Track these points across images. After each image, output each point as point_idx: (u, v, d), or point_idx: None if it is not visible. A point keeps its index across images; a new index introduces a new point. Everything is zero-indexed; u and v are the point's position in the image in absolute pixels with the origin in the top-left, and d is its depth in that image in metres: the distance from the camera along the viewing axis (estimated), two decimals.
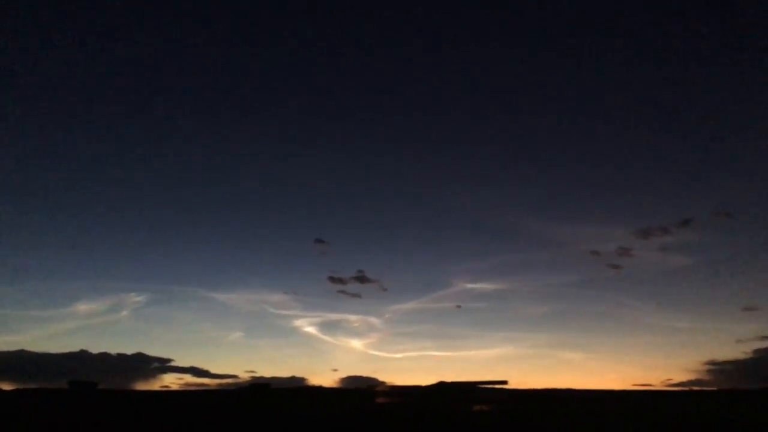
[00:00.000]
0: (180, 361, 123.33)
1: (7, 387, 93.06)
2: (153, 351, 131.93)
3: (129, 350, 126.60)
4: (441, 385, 70.19)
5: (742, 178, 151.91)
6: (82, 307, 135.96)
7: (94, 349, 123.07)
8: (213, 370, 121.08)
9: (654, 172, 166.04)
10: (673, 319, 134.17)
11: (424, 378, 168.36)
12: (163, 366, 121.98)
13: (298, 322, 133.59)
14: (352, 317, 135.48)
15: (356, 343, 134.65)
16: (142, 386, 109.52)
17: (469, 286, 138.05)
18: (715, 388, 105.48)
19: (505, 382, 72.77)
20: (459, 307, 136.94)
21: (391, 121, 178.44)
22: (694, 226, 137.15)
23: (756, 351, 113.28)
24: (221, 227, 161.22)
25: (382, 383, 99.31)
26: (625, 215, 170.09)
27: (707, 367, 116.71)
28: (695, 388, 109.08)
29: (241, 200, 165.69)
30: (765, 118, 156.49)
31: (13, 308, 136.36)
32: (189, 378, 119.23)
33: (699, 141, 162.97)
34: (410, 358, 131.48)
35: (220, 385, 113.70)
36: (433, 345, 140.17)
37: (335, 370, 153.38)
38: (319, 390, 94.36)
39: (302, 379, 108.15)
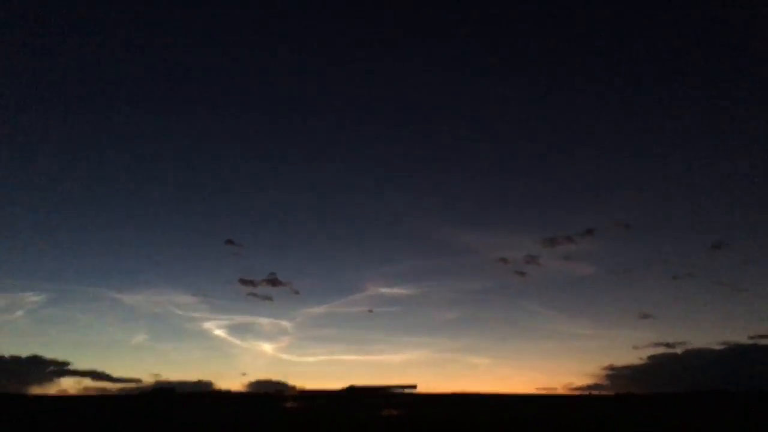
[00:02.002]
0: (79, 365, 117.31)
1: None
2: (50, 354, 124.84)
3: (23, 353, 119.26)
4: (351, 389, 70.08)
5: (640, 191, 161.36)
6: None
7: None
8: (114, 374, 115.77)
9: (561, 184, 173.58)
10: (575, 326, 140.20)
11: (335, 382, 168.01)
12: (61, 369, 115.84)
13: (206, 325, 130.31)
14: (263, 320, 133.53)
15: (266, 347, 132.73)
16: (37, 391, 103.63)
17: (382, 290, 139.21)
18: (612, 393, 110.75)
19: (414, 386, 73.59)
20: (371, 311, 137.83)
21: (305, 125, 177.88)
22: (597, 235, 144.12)
23: (650, 357, 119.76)
24: (127, 226, 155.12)
25: (292, 387, 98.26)
26: (532, 224, 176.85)
27: (606, 372, 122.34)
28: (594, 392, 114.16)
29: (149, 199, 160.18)
30: (663, 137, 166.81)
31: None
32: (88, 382, 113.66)
33: (603, 156, 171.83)
34: (321, 362, 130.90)
35: (122, 389, 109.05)
36: (345, 349, 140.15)
37: (244, 374, 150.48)
38: (227, 394, 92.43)
39: (209, 383, 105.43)
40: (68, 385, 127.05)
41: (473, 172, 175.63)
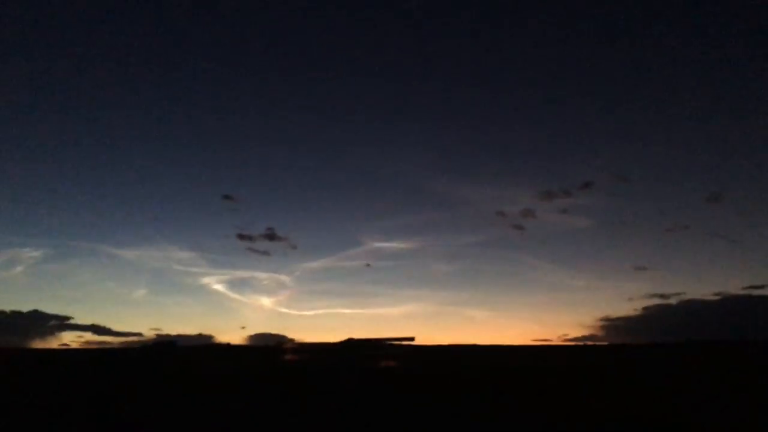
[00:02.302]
0: (80, 319, 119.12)
1: None
2: (51, 309, 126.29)
3: (24, 308, 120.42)
4: (349, 342, 71.43)
5: (638, 143, 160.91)
6: None
7: None
8: (116, 328, 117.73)
9: (558, 136, 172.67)
10: (571, 278, 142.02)
11: (333, 335, 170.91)
12: (62, 324, 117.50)
13: (205, 280, 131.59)
14: (261, 275, 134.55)
15: (265, 301, 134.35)
16: (39, 345, 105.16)
17: (378, 245, 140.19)
18: (606, 343, 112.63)
19: (412, 339, 74.84)
20: (368, 265, 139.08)
21: (302, 79, 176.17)
22: (595, 189, 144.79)
23: (645, 308, 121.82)
24: (125, 181, 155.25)
25: (291, 340, 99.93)
26: (530, 177, 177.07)
27: (601, 323, 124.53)
28: (589, 342, 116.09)
29: (147, 153, 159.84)
30: (661, 89, 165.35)
31: None
32: (90, 336, 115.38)
33: (601, 107, 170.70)
34: (319, 316, 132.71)
35: (124, 343, 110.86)
36: (343, 303, 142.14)
37: (243, 327, 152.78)
38: (227, 347, 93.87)
39: (209, 337, 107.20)
40: (70, 339, 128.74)
41: (470, 123, 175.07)
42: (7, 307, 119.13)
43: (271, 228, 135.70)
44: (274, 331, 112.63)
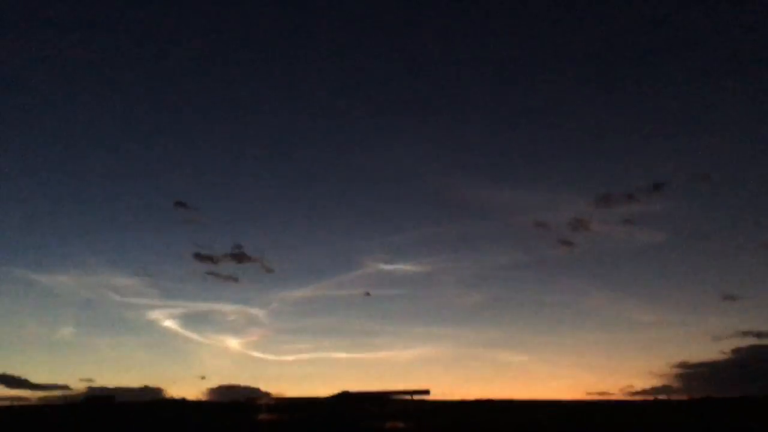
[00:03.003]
0: None
1: None
2: None
3: None
4: (344, 396, 70.64)
5: (723, 135, 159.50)
6: None
7: None
8: (34, 379, 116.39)
9: (618, 124, 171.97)
10: (637, 311, 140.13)
11: (323, 387, 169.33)
12: None
13: (153, 314, 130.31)
14: (227, 307, 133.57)
15: (232, 342, 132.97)
16: None
17: (382, 267, 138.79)
18: (686, 397, 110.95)
19: (426, 392, 74.12)
20: (368, 294, 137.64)
21: (275, 54, 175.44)
22: (668, 192, 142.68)
23: (735, 351, 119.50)
24: (48, 188, 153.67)
25: (267, 394, 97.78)
26: (581, 178, 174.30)
27: (677, 370, 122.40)
28: (662, 396, 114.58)
29: (74, 152, 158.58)
30: (751, 64, 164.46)
31: None
32: (0, 390, 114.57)
33: (675, 89, 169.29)
34: (304, 362, 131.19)
35: (45, 398, 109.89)
36: (335, 344, 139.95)
37: (203, 377, 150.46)
38: (182, 404, 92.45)
39: (158, 390, 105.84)
40: None
41: (501, 112, 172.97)
42: None
43: (239, 246, 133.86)
44: (243, 383, 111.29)
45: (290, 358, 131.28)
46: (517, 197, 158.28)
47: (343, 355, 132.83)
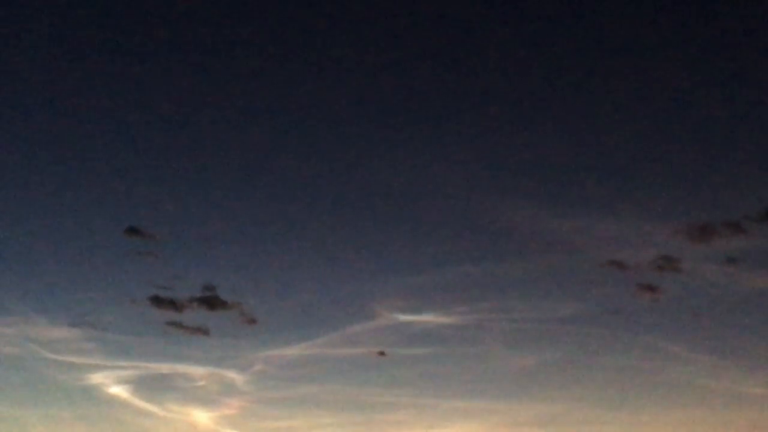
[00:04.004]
0: None
1: None
2: None
3: None
4: None
5: None
6: None
7: None
8: None
9: (718, 137, 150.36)
10: (745, 381, 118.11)
11: None
12: None
13: (95, 378, 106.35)
14: (194, 370, 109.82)
15: (200, 416, 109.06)
16: None
17: (401, 318, 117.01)
18: None
19: None
20: (382, 354, 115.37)
21: (254, 30, 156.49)
22: None
23: None
24: None
25: None
26: (669, 204, 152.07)
27: None
28: None
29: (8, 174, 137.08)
30: None
31: None
32: None
33: None
34: None
35: None
36: (337, 421, 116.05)
37: None
38: None
39: None
40: None
41: (564, 120, 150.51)
42: None
43: (211, 287, 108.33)
44: None
45: None
46: (585, 229, 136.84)
47: None
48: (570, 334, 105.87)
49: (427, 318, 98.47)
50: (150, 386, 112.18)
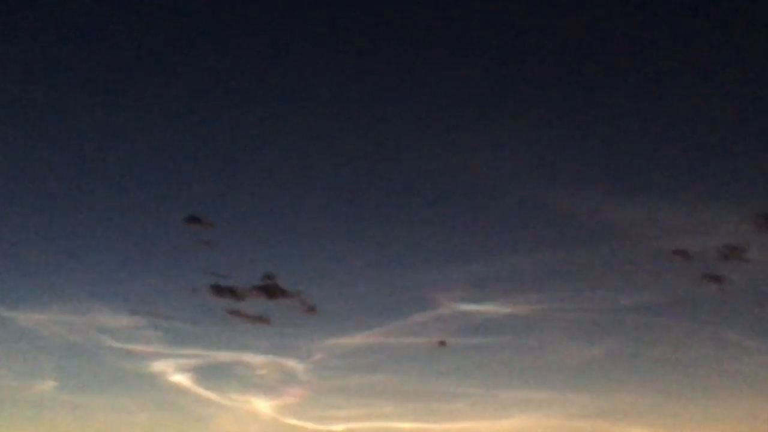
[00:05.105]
0: None
1: None
2: None
3: None
4: None
5: None
6: None
7: None
8: None
9: None
10: None
11: None
12: None
13: (158, 366, 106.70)
14: (255, 358, 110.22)
15: (261, 405, 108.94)
16: None
17: (462, 307, 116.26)
18: None
19: None
20: (443, 344, 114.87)
21: (315, 34, 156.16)
22: None
23: None
24: (20, 207, 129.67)
25: None
26: (734, 192, 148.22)
27: None
28: None
29: (55, 161, 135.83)
30: None
31: None
32: None
33: None
34: None
35: None
36: (398, 411, 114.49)
37: None
38: None
39: None
40: None
41: (624, 106, 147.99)
42: None
43: (271, 275, 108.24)
44: None
45: (338, 427, 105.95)
46: (649, 217, 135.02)
47: (408, 425, 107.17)
48: (633, 324, 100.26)
49: (489, 308, 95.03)
50: (211, 374, 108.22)
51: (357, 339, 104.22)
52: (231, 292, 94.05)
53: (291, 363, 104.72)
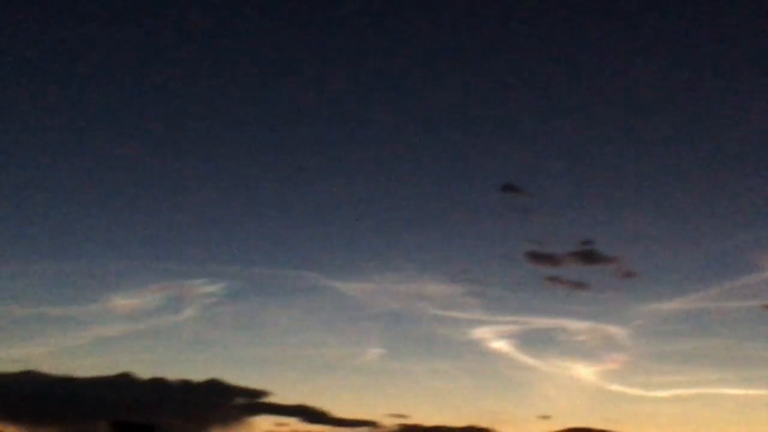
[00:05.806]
0: (281, 396, 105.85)
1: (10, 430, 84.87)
2: (236, 377, 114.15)
3: (197, 375, 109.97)
4: None
5: None
6: (121, 302, 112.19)
7: (143, 371, 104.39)
8: (335, 412, 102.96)
9: None
10: None
11: None
12: (254, 403, 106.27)
13: (478, 332, 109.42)
14: (574, 324, 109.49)
15: (582, 371, 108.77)
16: None
17: None
18: None
19: None
20: None
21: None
22: None
23: None
24: (345, 178, 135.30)
25: None
26: None
27: None
28: None
29: (377, 130, 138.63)
30: None
31: (18, 303, 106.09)
32: (295, 424, 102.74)
33: None
34: (683, 400, 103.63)
35: None
36: (725, 376, 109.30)
37: (546, 417, 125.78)
38: None
39: (486, 431, 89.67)
40: (266, 427, 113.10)
41: None
42: (173, 373, 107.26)
43: (589, 241, 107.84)
44: (599, 425, 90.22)
45: (664, 394, 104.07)
46: None
47: (736, 391, 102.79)
48: None
49: None
50: (531, 341, 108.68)
51: (678, 303, 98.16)
52: (548, 259, 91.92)
53: (611, 329, 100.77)
